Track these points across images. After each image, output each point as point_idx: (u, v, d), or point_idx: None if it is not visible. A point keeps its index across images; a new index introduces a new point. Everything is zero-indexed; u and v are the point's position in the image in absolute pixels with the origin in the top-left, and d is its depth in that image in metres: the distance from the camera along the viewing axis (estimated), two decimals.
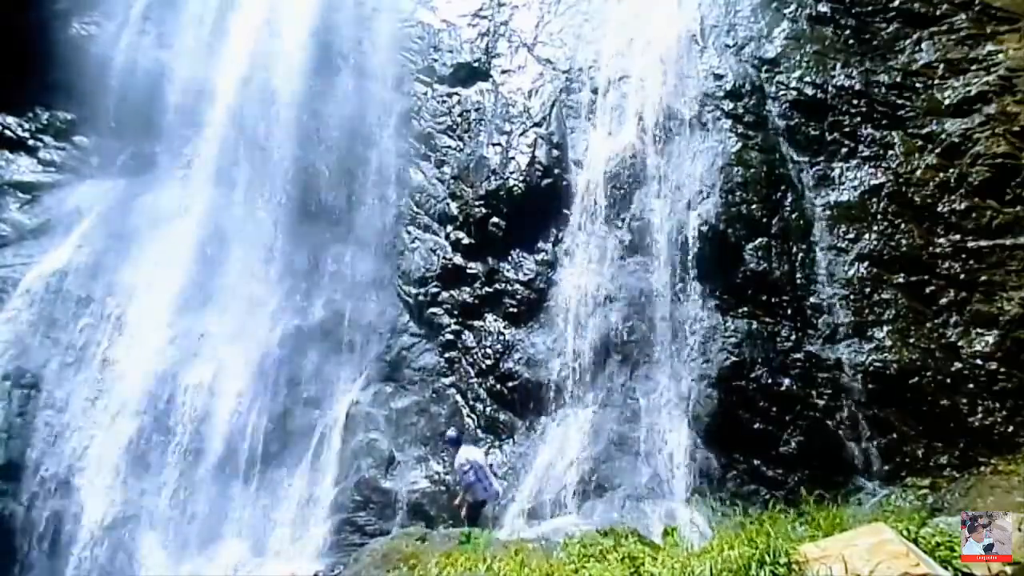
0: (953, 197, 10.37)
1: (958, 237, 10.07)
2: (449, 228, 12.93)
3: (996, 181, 10.18)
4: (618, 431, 10.02)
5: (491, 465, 9.48)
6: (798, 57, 12.48)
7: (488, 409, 11.10)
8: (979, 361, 9.17)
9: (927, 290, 9.92)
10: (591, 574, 5.38)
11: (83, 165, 12.85)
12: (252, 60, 14.06)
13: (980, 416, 8.83)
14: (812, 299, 10.36)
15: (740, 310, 10.40)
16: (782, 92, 12.25)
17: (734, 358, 9.93)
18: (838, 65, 12.11)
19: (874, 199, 10.83)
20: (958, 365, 9.22)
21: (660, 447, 9.77)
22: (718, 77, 12.71)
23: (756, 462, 9.27)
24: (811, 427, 9.33)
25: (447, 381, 11.54)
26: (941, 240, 10.16)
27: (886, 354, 9.59)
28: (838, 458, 9.07)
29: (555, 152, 13.07)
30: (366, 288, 12.66)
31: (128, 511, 9.93)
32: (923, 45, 11.75)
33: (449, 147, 13.83)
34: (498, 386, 11.22)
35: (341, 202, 13.41)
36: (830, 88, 11.94)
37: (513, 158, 13.04)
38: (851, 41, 12.30)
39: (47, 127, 12.97)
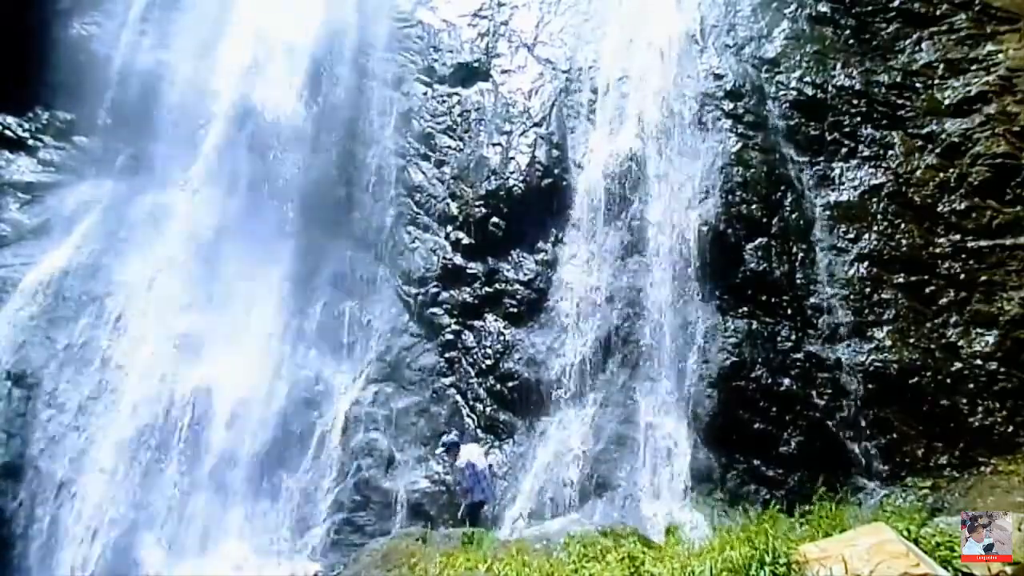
0: (953, 197, 10.38)
1: (958, 237, 10.08)
2: (449, 228, 12.92)
3: (996, 181, 10.19)
4: (618, 431, 10.02)
5: (490, 466, 9.48)
6: (798, 57, 12.48)
7: (488, 409, 11.10)
8: (979, 361, 9.18)
9: (927, 290, 9.92)
10: (591, 574, 5.37)
11: (83, 165, 12.81)
12: (252, 60, 14.04)
13: (980, 416, 8.84)
14: (812, 299, 10.36)
15: (740, 310, 10.40)
16: (782, 92, 12.25)
17: (734, 358, 9.93)
18: (838, 65, 12.11)
19: (874, 199, 10.83)
20: (958, 365, 9.23)
21: (660, 447, 9.76)
22: (718, 77, 12.72)
23: (756, 462, 9.27)
24: (811, 427, 9.34)
25: (447, 381, 11.52)
26: (941, 240, 10.16)
27: (886, 354, 9.59)
28: (838, 458, 9.07)
29: (555, 152, 13.07)
30: (366, 288, 12.65)
31: (128, 511, 9.91)
32: (923, 45, 11.76)
33: (449, 147, 13.82)
34: (498, 386, 11.22)
35: (341, 202, 13.39)
36: (830, 88, 11.95)
37: (513, 158, 13.04)
38: (851, 41, 12.30)
39: (47, 127, 12.93)
